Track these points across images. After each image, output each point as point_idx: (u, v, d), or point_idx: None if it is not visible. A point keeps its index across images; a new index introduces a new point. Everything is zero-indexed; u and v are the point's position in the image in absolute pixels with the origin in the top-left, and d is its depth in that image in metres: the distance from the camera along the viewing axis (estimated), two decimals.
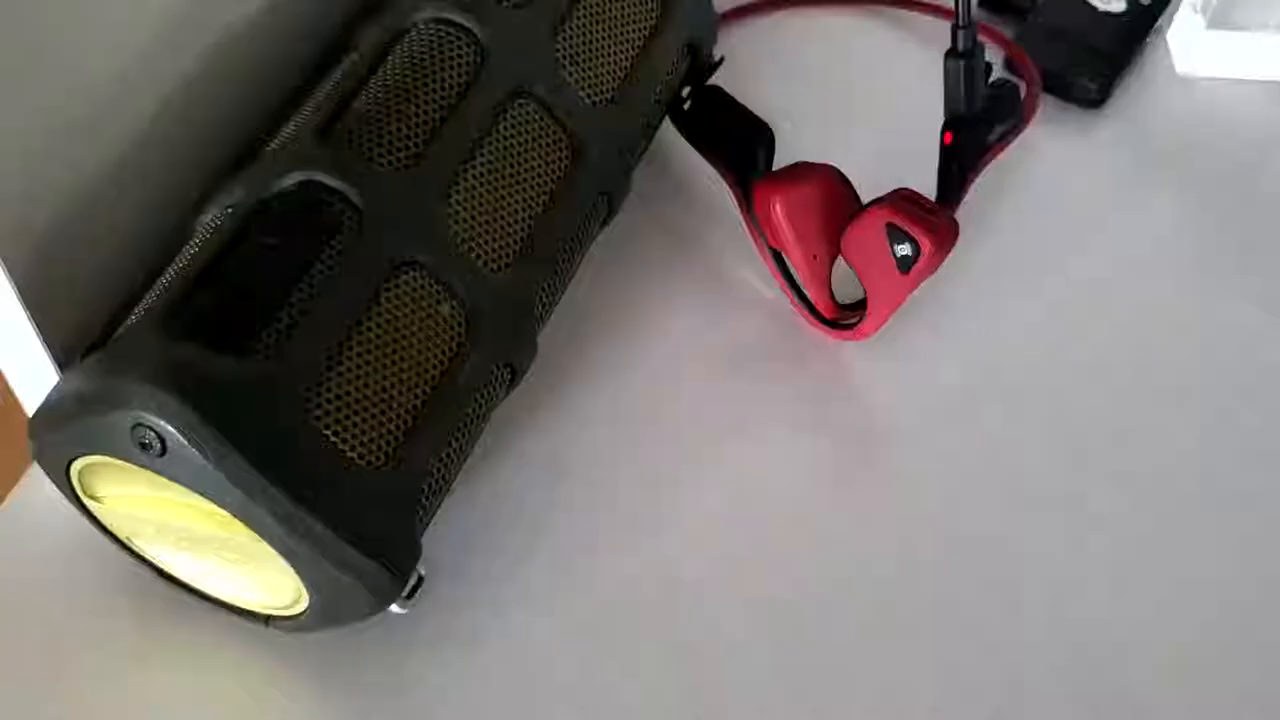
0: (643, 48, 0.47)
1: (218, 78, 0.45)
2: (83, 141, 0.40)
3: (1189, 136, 0.56)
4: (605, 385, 0.48)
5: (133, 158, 0.42)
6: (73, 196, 0.40)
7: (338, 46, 0.45)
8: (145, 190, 0.42)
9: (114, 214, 0.42)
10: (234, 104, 0.45)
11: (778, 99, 0.57)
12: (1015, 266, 0.52)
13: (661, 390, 0.48)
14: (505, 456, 0.46)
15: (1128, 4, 0.58)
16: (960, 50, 0.46)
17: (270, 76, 0.46)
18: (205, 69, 0.44)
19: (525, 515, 0.45)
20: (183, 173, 0.43)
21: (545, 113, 0.43)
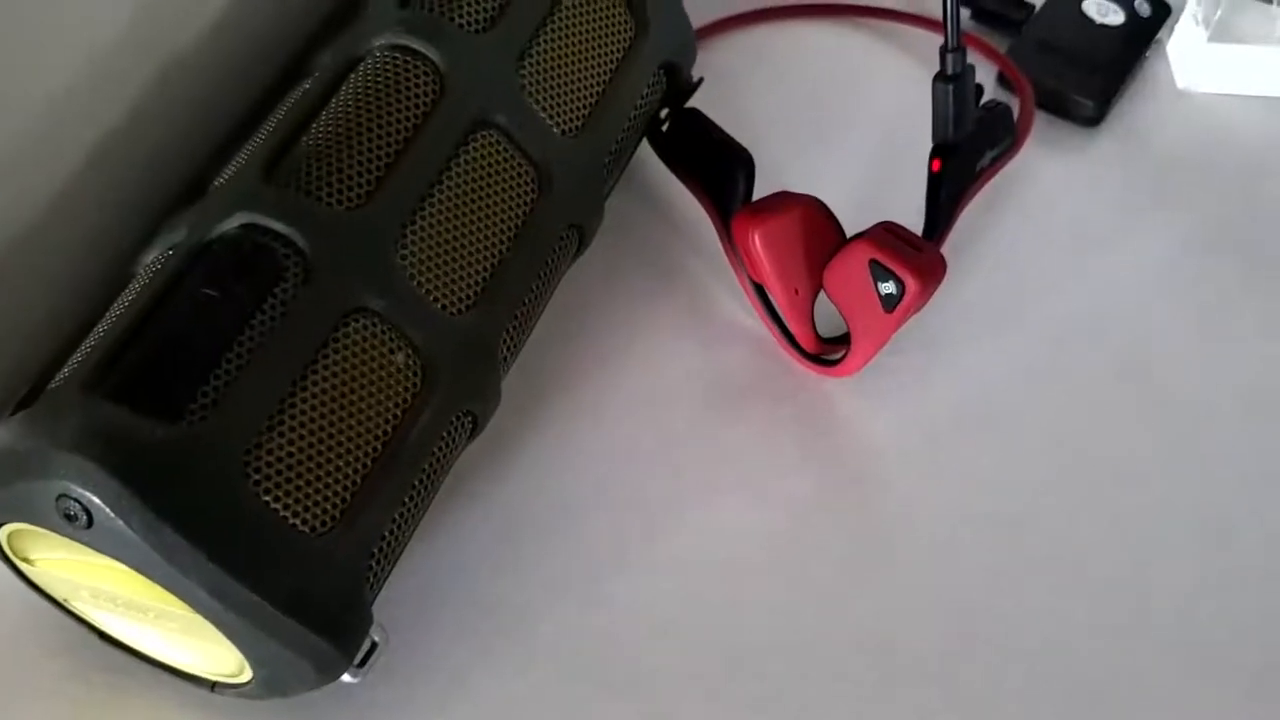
0: (615, 71, 0.44)
1: (163, 107, 0.42)
2: (13, 178, 0.38)
3: (1190, 154, 0.54)
4: (576, 424, 0.46)
5: (70, 195, 0.40)
6: (3, 238, 0.38)
7: (292, 71, 0.43)
8: (83, 230, 0.40)
9: (50, 256, 0.40)
10: (181, 135, 0.42)
11: (761, 115, 0.54)
12: (1008, 294, 0.49)
13: (638, 428, 0.46)
14: (466, 503, 0.44)
15: (1126, 16, 0.56)
16: (949, 74, 0.44)
17: (220, 104, 0.44)
18: (149, 98, 0.42)
19: (489, 567, 0.43)
20: (126, 211, 0.41)
21: (509, 144, 0.41)
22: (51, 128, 0.38)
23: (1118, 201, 0.52)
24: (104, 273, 0.39)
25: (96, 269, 0.40)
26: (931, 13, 0.58)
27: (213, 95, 0.43)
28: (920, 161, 0.46)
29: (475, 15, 0.41)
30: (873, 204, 0.51)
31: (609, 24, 0.44)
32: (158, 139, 0.42)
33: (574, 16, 0.43)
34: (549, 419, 0.46)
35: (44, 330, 0.38)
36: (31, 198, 0.39)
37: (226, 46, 0.44)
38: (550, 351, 0.47)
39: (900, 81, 0.56)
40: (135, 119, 0.41)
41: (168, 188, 0.41)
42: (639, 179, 0.53)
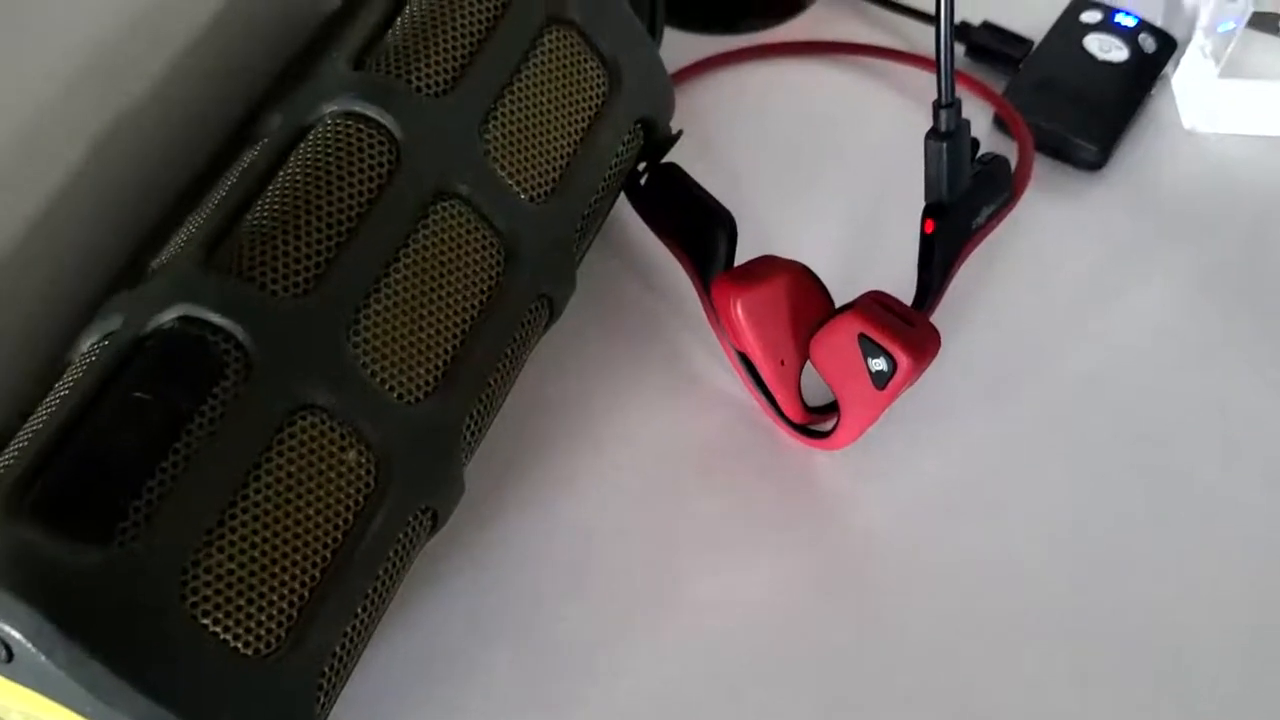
0: (588, 130, 0.42)
1: (101, 172, 0.40)
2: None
3: (1198, 200, 0.51)
4: (550, 502, 0.43)
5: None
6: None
7: (241, 132, 0.40)
8: (16, 317, 0.38)
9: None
10: (121, 207, 0.40)
11: (745, 160, 0.52)
12: (1004, 355, 0.47)
13: (615, 505, 0.43)
14: (430, 592, 0.41)
15: (1129, 52, 0.53)
16: (943, 131, 0.41)
17: (162, 171, 0.41)
18: (85, 164, 0.39)
19: (455, 665, 0.40)
20: (54, 300, 0.38)
21: (472, 215, 0.38)
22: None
23: (1121, 253, 0.50)
24: (39, 368, 0.36)
25: (31, 362, 0.37)
26: (925, 50, 0.55)
27: (155, 159, 0.41)
28: (913, 209, 0.44)
29: (435, 76, 0.39)
30: (862, 257, 0.49)
31: (580, 79, 0.42)
32: (94, 209, 0.39)
33: (543, 73, 0.41)
34: (520, 496, 0.43)
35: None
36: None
37: (171, 104, 0.41)
38: (521, 422, 0.45)
39: (892, 123, 0.54)
40: (67, 193, 0.39)
41: (109, 263, 0.39)
42: (616, 233, 0.50)
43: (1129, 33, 0.54)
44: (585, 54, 0.42)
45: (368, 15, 0.40)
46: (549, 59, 0.41)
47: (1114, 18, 0.54)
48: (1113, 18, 0.54)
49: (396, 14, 0.40)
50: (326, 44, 0.42)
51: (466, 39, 0.39)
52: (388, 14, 0.40)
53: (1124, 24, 0.54)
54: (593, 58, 0.42)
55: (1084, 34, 0.54)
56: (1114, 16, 0.54)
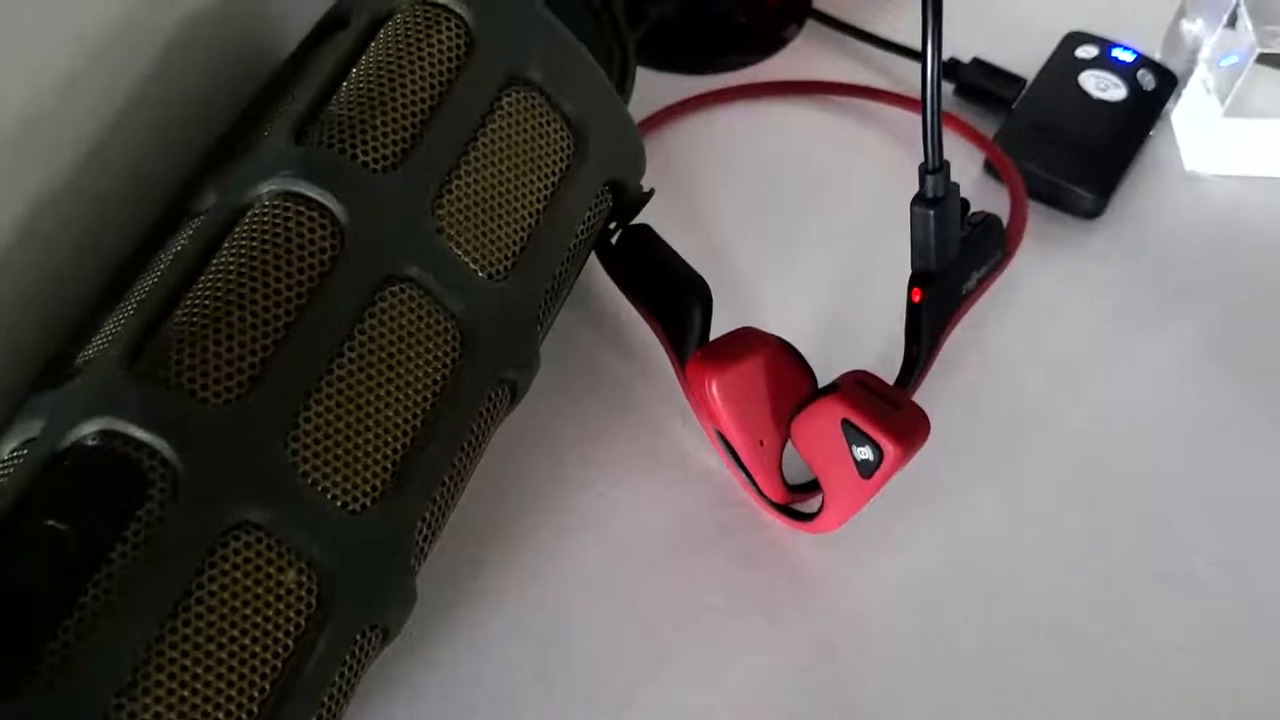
0: (551, 197, 0.39)
1: (22, 257, 0.37)
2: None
3: (1201, 247, 0.49)
4: (515, 596, 0.40)
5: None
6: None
7: (181, 204, 0.38)
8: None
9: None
10: (43, 299, 0.37)
11: (723, 209, 0.49)
12: (997, 425, 0.44)
13: (585, 595, 0.41)
14: (386, 699, 0.38)
15: (1128, 90, 0.50)
16: (930, 198, 0.39)
17: (89, 254, 0.38)
18: (17, 241, 0.36)
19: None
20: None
21: (425, 298, 0.35)
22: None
23: (1121, 309, 0.47)
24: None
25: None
26: (911, 88, 0.52)
27: (82, 246, 0.38)
28: (900, 262, 0.41)
29: (383, 149, 0.36)
30: (847, 318, 0.46)
31: (544, 143, 0.39)
32: (18, 296, 0.37)
33: (501, 139, 0.38)
34: (479, 589, 0.41)
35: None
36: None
37: (99, 180, 0.38)
38: (479, 504, 0.42)
39: (878, 168, 0.51)
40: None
41: (30, 358, 0.36)
42: (585, 291, 0.47)
43: (1127, 69, 0.51)
44: (548, 116, 0.39)
45: (313, 77, 0.38)
46: (508, 123, 0.38)
47: (1111, 53, 0.51)
48: (1109, 53, 0.51)
49: (343, 76, 0.37)
50: (272, 103, 0.40)
51: (418, 105, 0.37)
52: (333, 76, 0.37)
53: (1122, 59, 0.51)
54: (556, 119, 0.39)
55: (1079, 70, 0.51)
56: (1111, 51, 0.51)
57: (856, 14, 0.55)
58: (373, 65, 0.37)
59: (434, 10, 0.38)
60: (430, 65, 0.37)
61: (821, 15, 0.54)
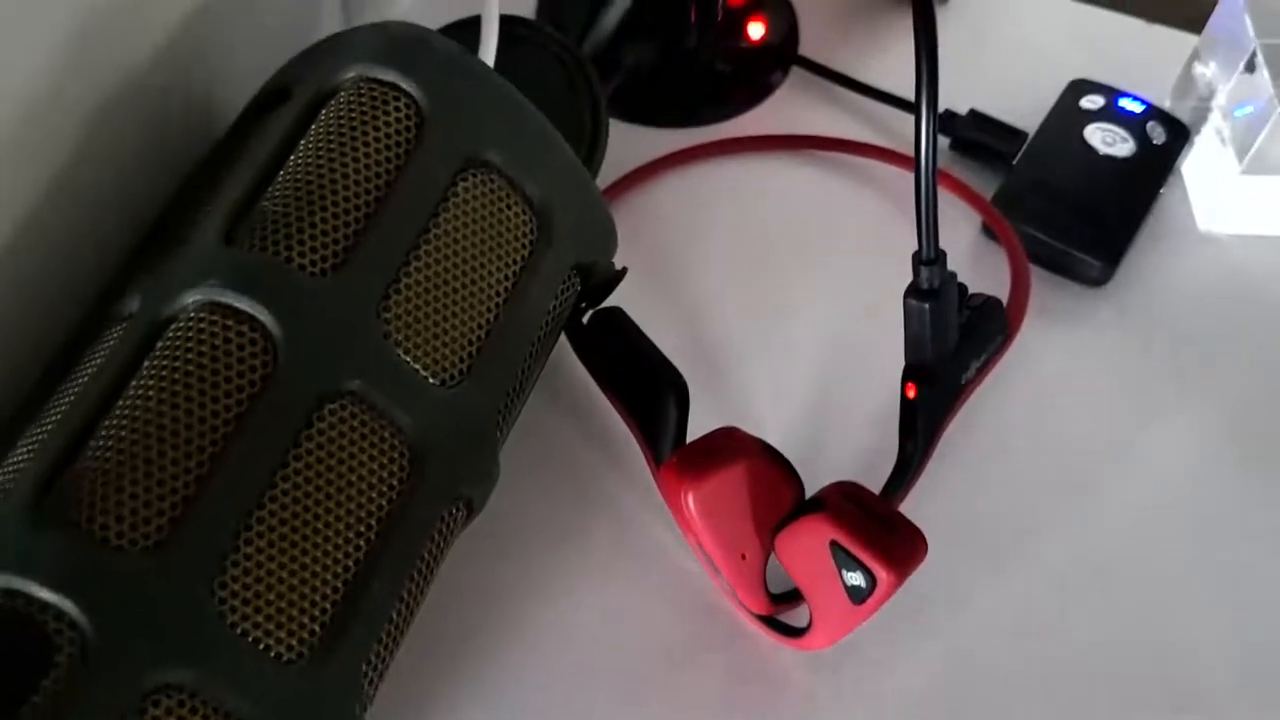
0: (513, 288, 0.36)
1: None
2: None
3: (1217, 315, 0.45)
4: (473, 714, 0.37)
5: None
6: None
7: (101, 312, 0.34)
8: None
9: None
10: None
11: (704, 274, 0.46)
12: (996, 524, 0.41)
13: (552, 716, 0.37)
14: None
15: (1137, 145, 0.47)
16: (925, 289, 0.35)
17: (15, 350, 0.35)
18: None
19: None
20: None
21: (369, 414, 0.32)
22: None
23: (1129, 386, 0.44)
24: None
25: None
26: (904, 143, 0.49)
27: (3, 331, 0.35)
28: (893, 337, 0.37)
29: (323, 250, 0.32)
30: (835, 400, 0.43)
31: (504, 230, 0.36)
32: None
33: (456, 229, 0.35)
34: (438, 709, 0.37)
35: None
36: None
37: (22, 263, 0.35)
38: (436, 616, 0.38)
39: (869, 228, 0.47)
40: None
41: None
42: (556, 370, 0.43)
43: (1135, 121, 0.48)
44: (508, 200, 0.36)
45: (246, 163, 0.34)
46: (464, 211, 0.35)
47: (1118, 103, 0.48)
48: (1116, 103, 0.48)
49: (279, 164, 0.34)
50: (208, 183, 0.36)
51: (362, 197, 0.33)
52: (268, 164, 0.34)
53: (1129, 110, 0.48)
54: (518, 203, 0.36)
55: (1084, 123, 0.47)
56: (1118, 101, 0.48)
57: (844, 60, 0.51)
58: (312, 152, 0.34)
59: (380, 88, 0.35)
60: (376, 151, 0.34)
61: (808, 62, 0.51)
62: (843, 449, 0.42)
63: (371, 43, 0.36)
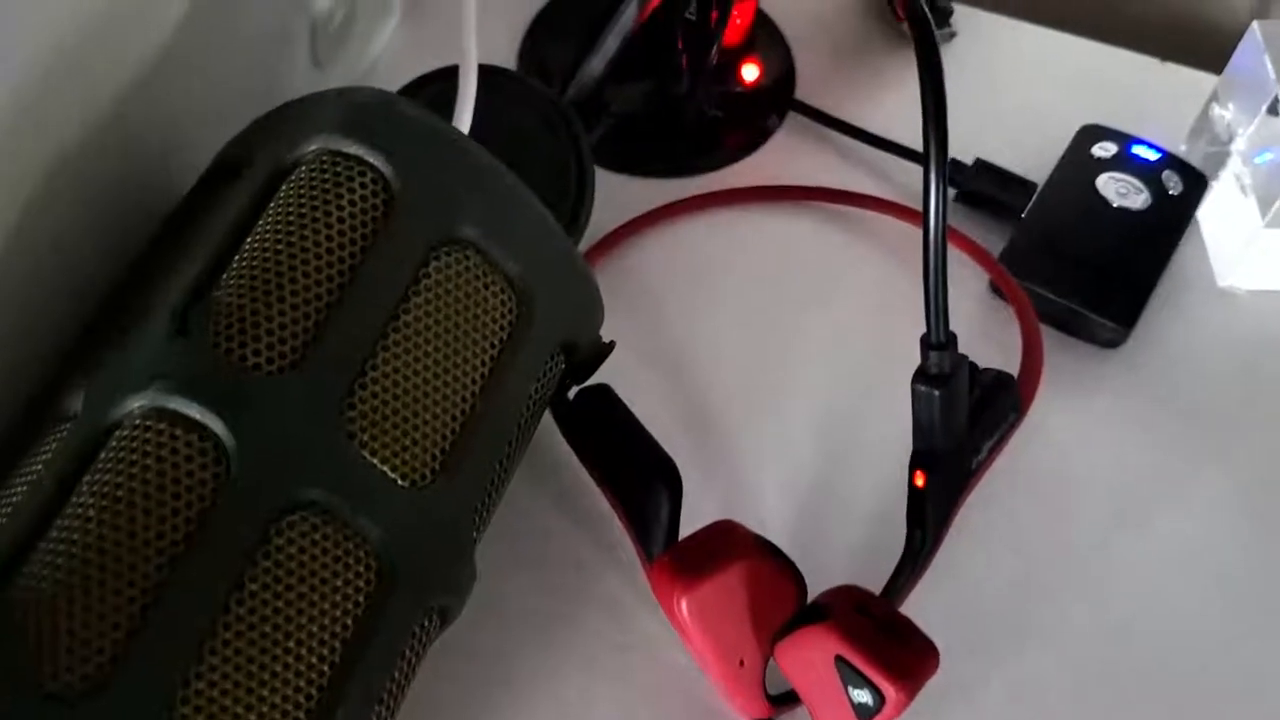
0: (490, 375, 0.33)
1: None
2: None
3: (1238, 376, 0.43)
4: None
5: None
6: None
7: (43, 405, 0.32)
8: None
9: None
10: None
11: (697, 337, 0.43)
12: (1008, 602, 0.38)
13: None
14: None
15: (1152, 197, 0.44)
16: (934, 374, 0.33)
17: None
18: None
19: None
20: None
21: (332, 526, 0.29)
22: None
23: (1148, 454, 0.41)
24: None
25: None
26: (904, 193, 0.46)
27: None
28: (898, 407, 0.35)
29: (281, 345, 0.30)
30: (836, 478, 0.40)
31: (481, 312, 0.33)
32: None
33: (430, 314, 0.32)
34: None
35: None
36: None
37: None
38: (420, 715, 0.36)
39: (871, 286, 0.45)
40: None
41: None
42: (538, 448, 0.40)
43: (1150, 170, 0.45)
44: (486, 279, 0.33)
45: (198, 248, 0.32)
46: (438, 294, 0.32)
47: (1130, 150, 0.45)
48: (1130, 150, 0.45)
49: (234, 248, 0.31)
50: (159, 262, 0.34)
51: (325, 284, 0.31)
52: (222, 248, 0.31)
53: (1144, 158, 0.45)
54: (496, 281, 0.33)
55: (1096, 173, 0.45)
56: (1130, 149, 0.45)
57: (843, 103, 0.49)
58: (269, 234, 0.31)
59: (344, 162, 0.32)
60: (339, 234, 0.31)
61: (804, 106, 0.49)
62: (845, 535, 0.39)
63: (334, 112, 0.33)
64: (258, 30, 0.42)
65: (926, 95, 0.30)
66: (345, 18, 0.46)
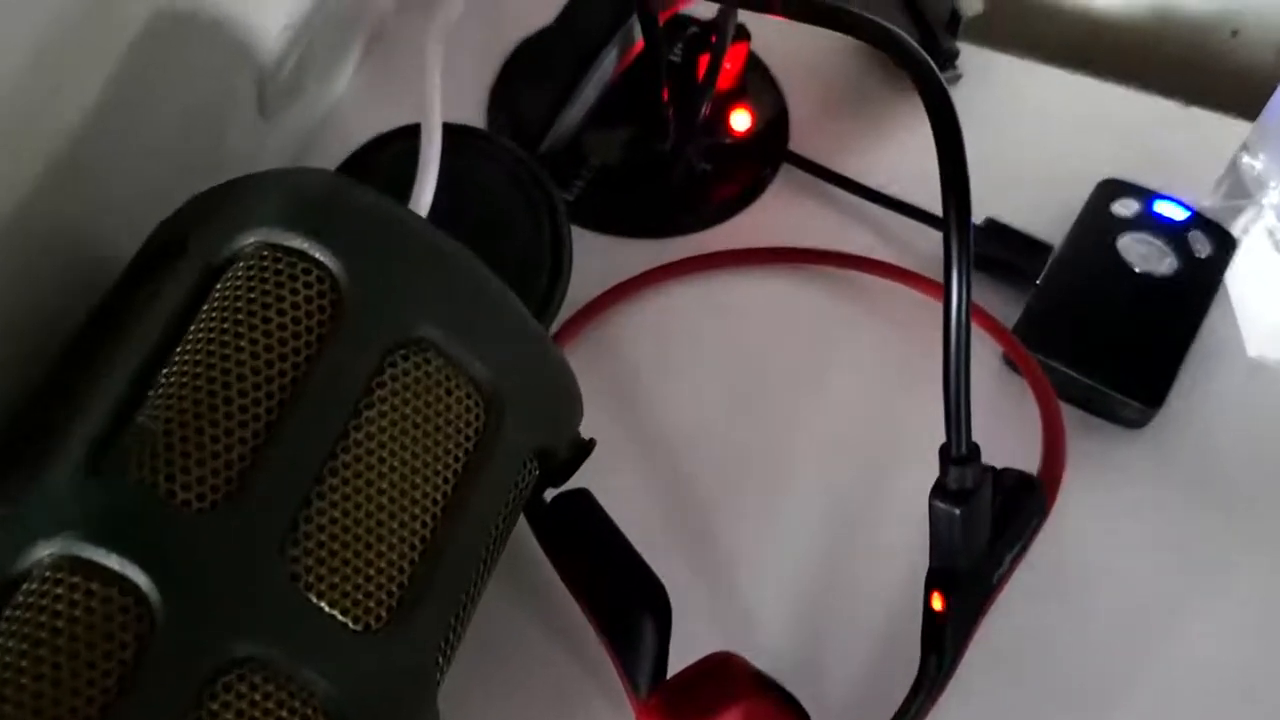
0: (454, 493, 0.29)
1: None
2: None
3: (1272, 456, 0.39)
4: None
5: None
6: None
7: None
8: None
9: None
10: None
11: (686, 417, 0.39)
12: (1035, 713, 0.35)
13: None
14: None
15: (1179, 261, 0.41)
16: (954, 490, 0.29)
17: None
18: None
19: None
20: None
21: (273, 684, 0.25)
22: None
23: (1175, 544, 0.38)
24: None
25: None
26: (907, 253, 0.42)
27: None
28: (907, 504, 0.31)
29: (214, 476, 0.26)
30: (841, 592, 0.37)
31: (443, 423, 0.29)
32: None
33: (385, 428, 0.28)
34: None
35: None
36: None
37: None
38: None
39: (874, 361, 0.41)
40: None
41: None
42: (519, 560, 0.36)
43: (1176, 231, 0.41)
44: (450, 384, 0.29)
45: (122, 361, 0.28)
46: (393, 406, 0.28)
47: (1153, 208, 0.42)
48: (1152, 208, 0.42)
49: (160, 360, 0.27)
50: (81, 367, 0.30)
51: (263, 402, 0.27)
52: (148, 360, 0.27)
53: (1168, 217, 0.42)
54: (461, 387, 0.30)
55: (1117, 233, 0.41)
56: (1153, 206, 0.42)
57: (839, 155, 0.45)
58: (201, 345, 0.27)
59: (286, 258, 0.28)
60: (281, 342, 0.27)
61: (799, 158, 0.45)
62: (850, 656, 0.35)
63: (275, 199, 0.29)
64: (196, 88, 0.38)
65: (947, 184, 0.27)
66: (297, 64, 0.42)
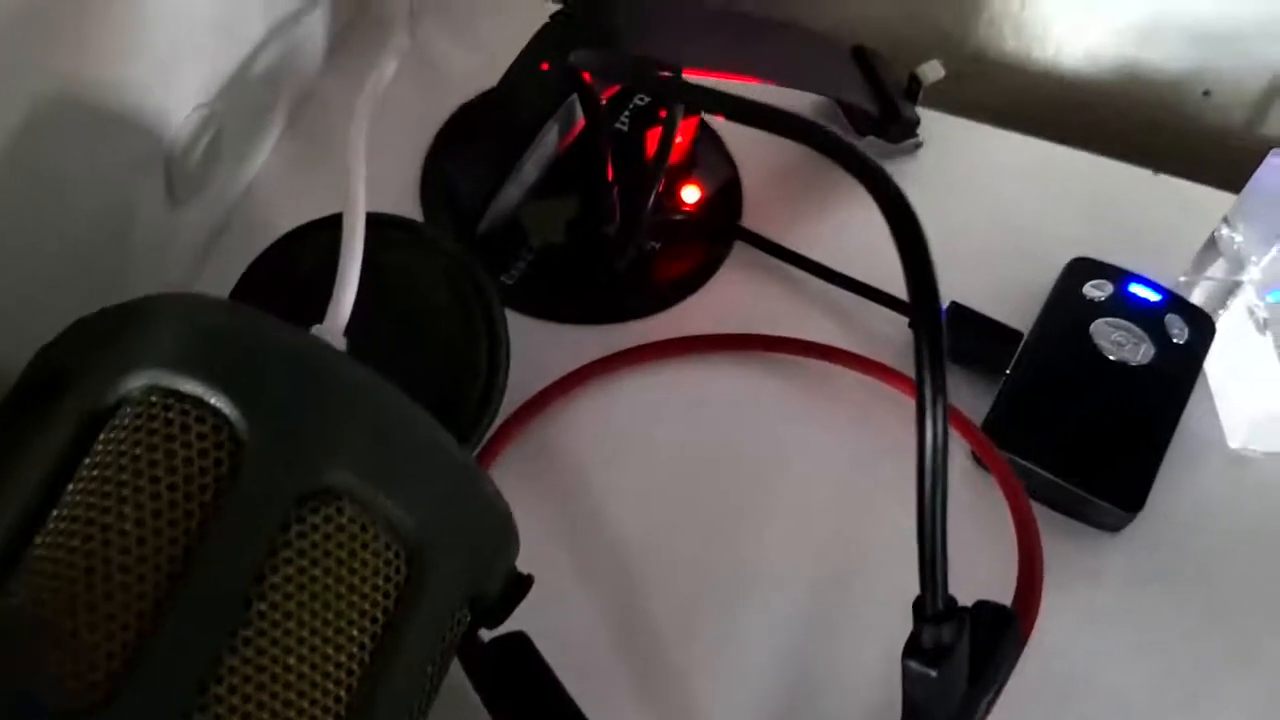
0: (373, 660, 0.26)
1: None
2: None
3: (1260, 555, 0.37)
4: None
5: None
6: None
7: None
8: None
9: None
10: None
11: (635, 530, 0.37)
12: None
13: None
14: None
15: (1155, 348, 0.39)
16: (929, 649, 0.27)
17: None
18: None
19: None
20: None
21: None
22: None
23: (1158, 655, 0.35)
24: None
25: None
26: (869, 341, 0.40)
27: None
28: (873, 613, 0.29)
29: (91, 672, 0.22)
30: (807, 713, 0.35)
31: (357, 581, 0.25)
32: None
33: (292, 593, 0.24)
34: None
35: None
36: None
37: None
38: None
39: (834, 455, 0.38)
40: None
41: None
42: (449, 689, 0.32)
43: (1151, 315, 0.39)
44: (365, 535, 0.26)
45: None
46: (301, 567, 0.25)
47: (1128, 289, 0.39)
48: (1126, 289, 0.39)
49: (29, 533, 0.24)
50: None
51: (149, 576, 0.23)
52: (15, 529, 0.24)
53: (1144, 300, 0.39)
54: (379, 538, 0.26)
55: (1090, 318, 0.39)
56: (1128, 287, 0.40)
57: (793, 230, 0.42)
58: (79, 510, 0.24)
59: (178, 405, 0.25)
60: (171, 505, 0.24)
61: (751, 235, 0.42)
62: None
63: (166, 336, 0.26)
64: (98, 178, 0.35)
65: (917, 320, 0.24)
66: (210, 145, 0.39)
